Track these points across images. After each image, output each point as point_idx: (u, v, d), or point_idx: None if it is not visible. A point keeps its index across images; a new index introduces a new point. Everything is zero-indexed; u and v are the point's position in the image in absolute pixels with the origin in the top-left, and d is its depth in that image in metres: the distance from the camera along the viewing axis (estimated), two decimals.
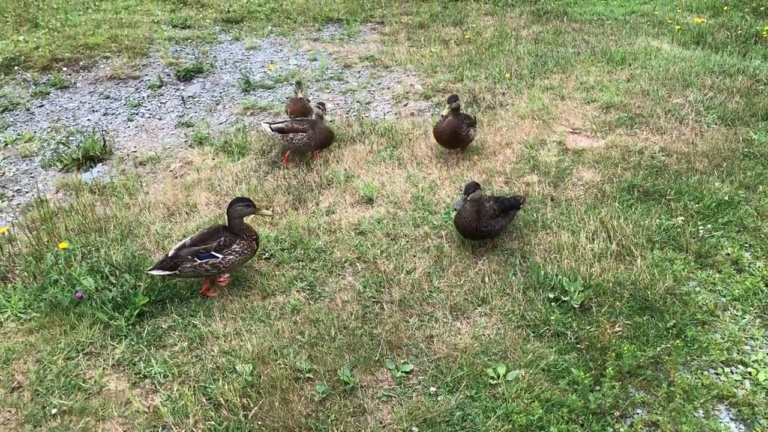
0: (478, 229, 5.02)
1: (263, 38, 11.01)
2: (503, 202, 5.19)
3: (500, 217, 5.12)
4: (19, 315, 4.59)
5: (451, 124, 6.28)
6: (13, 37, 10.67)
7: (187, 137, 7.69)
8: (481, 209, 5.03)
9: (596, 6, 13.01)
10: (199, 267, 4.56)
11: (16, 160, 7.43)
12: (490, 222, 5.04)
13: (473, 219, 5.00)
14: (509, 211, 5.25)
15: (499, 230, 5.12)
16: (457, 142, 6.42)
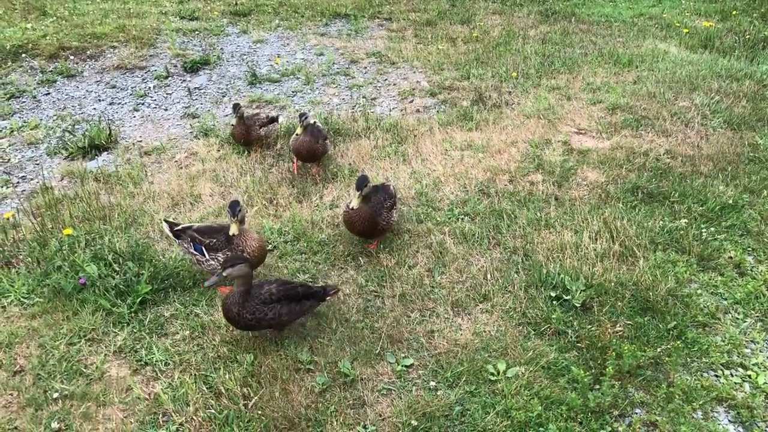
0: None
1: (270, 32, 11.02)
2: None
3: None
4: (23, 300, 4.60)
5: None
6: (21, 25, 10.68)
7: (192, 128, 7.69)
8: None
9: (604, 8, 12.99)
10: (188, 253, 4.68)
11: (21, 147, 7.44)
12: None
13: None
14: None
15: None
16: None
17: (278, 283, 4.24)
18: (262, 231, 5.45)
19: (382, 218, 4.96)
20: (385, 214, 4.98)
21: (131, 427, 3.63)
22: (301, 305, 4.24)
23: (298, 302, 4.24)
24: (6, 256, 5.06)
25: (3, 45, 9.79)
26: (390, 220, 5.05)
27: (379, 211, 4.95)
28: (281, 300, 4.15)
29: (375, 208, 4.93)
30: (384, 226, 5.00)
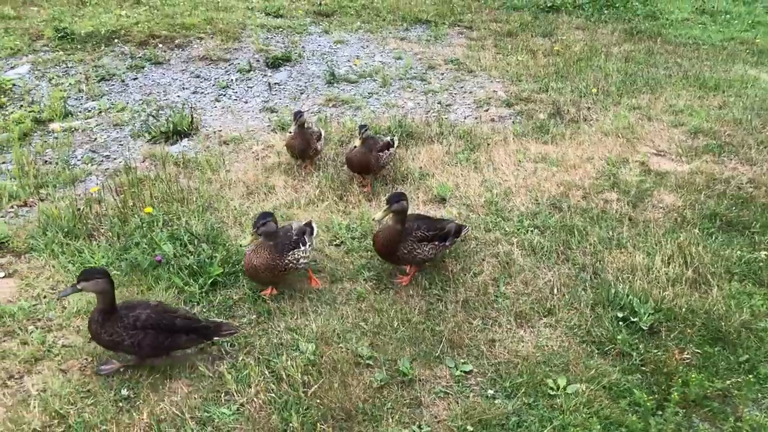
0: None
1: (351, 33, 11.18)
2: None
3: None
4: None
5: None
6: (116, 12, 11.18)
7: (270, 122, 7.88)
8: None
9: (693, 29, 12.62)
10: None
11: (107, 127, 7.78)
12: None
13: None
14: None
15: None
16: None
17: (154, 309, 3.87)
18: (330, 226, 5.54)
19: (404, 246, 4.69)
20: (409, 243, 4.70)
21: (195, 402, 3.75)
22: (173, 339, 3.86)
23: (171, 335, 3.85)
24: (89, 229, 5.31)
25: (98, 30, 10.28)
26: (414, 252, 4.72)
27: (405, 237, 4.70)
28: (148, 329, 3.78)
29: (402, 232, 4.69)
30: (403, 255, 4.72)
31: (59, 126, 7.71)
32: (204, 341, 4.07)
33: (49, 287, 4.67)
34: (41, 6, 11.51)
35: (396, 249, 4.68)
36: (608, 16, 12.90)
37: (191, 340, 3.96)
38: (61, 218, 5.31)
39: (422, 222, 4.84)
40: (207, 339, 4.04)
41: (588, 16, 12.95)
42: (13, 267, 4.89)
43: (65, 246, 5.06)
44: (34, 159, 6.80)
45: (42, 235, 5.19)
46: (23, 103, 8.22)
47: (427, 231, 4.77)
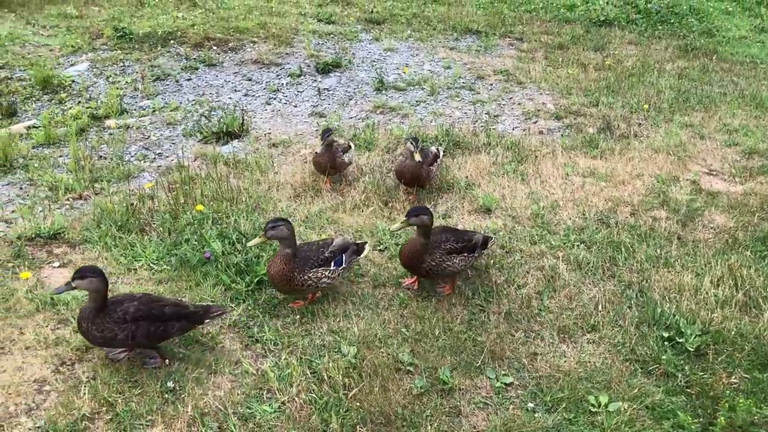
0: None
1: (401, 41, 11.24)
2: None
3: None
4: (152, 265, 4.95)
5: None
6: (173, 14, 11.47)
7: (318, 126, 7.97)
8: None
9: (751, 48, 12.34)
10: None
11: (161, 126, 7.98)
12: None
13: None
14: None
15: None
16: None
17: (141, 300, 3.90)
18: (375, 231, 5.58)
19: (432, 258, 4.62)
20: (437, 255, 4.63)
21: (237, 398, 3.82)
22: (165, 327, 3.89)
23: (162, 323, 3.88)
24: (141, 224, 5.45)
25: (155, 31, 10.56)
26: (443, 265, 4.65)
27: (433, 250, 4.64)
28: (139, 320, 3.81)
29: (429, 244, 4.63)
30: (431, 267, 4.64)
31: (115, 123, 7.94)
32: (195, 326, 4.10)
33: None
34: (102, 6, 11.89)
35: (422, 261, 4.61)
36: (662, 31, 12.70)
37: (183, 326, 3.99)
38: (115, 212, 5.46)
39: (450, 234, 4.79)
40: (198, 323, 4.09)
41: (641, 31, 12.77)
42: (68, 257, 5.06)
43: (118, 239, 5.21)
44: (90, 154, 7.01)
45: (96, 228, 5.36)
46: (81, 100, 8.49)
47: (455, 243, 4.72)
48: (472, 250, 4.81)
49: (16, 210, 5.86)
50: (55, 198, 6.14)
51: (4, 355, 4.05)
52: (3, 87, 8.43)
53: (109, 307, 3.82)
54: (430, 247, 4.63)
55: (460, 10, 13.24)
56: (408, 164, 5.93)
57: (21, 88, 8.65)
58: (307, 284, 4.45)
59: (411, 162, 5.86)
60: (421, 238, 4.60)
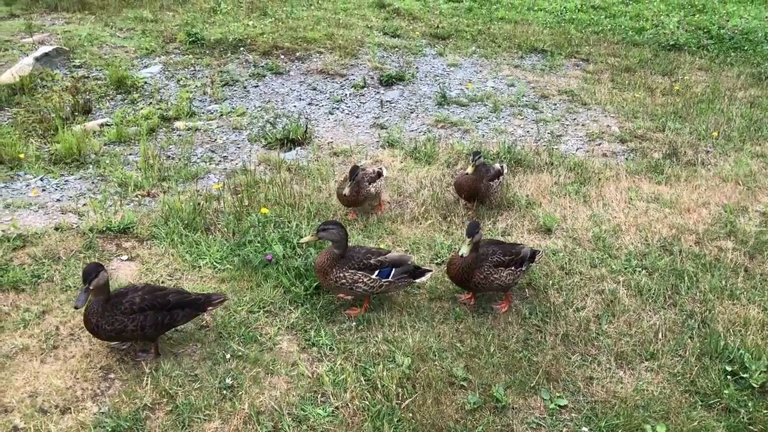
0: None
1: (465, 57, 11.27)
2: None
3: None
4: (215, 264, 5.08)
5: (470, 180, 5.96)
6: (244, 22, 11.78)
7: (379, 138, 8.06)
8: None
9: None
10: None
11: (227, 129, 8.20)
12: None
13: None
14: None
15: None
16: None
17: (145, 290, 3.99)
18: (432, 244, 5.60)
19: (481, 271, 4.58)
20: (485, 269, 4.59)
21: (292, 400, 3.88)
22: (172, 315, 3.99)
23: (168, 312, 3.98)
24: (207, 223, 5.61)
25: (226, 37, 10.85)
26: (491, 278, 4.60)
27: (481, 263, 4.59)
28: (146, 310, 3.90)
29: (477, 258, 4.59)
30: (480, 282, 4.59)
31: (183, 125, 8.20)
32: (198, 313, 4.19)
33: (167, 273, 4.97)
34: (176, 11, 12.30)
35: (471, 276, 4.58)
36: (734, 58, 12.38)
37: (187, 314, 4.09)
38: (182, 211, 5.63)
39: (497, 247, 4.76)
40: (201, 311, 4.18)
41: (712, 57, 12.47)
42: (136, 252, 5.24)
43: (184, 237, 5.37)
44: (159, 153, 7.26)
45: (164, 225, 5.53)
46: (153, 101, 8.80)
47: (503, 256, 4.67)
48: (520, 264, 4.76)
49: (87, 203, 6.10)
50: (124, 194, 6.37)
51: (74, 341, 4.21)
52: (80, 85, 8.79)
53: (114, 300, 3.88)
54: (478, 260, 4.61)
55: (526, 29, 13.20)
56: (466, 177, 5.97)
57: (97, 87, 9.02)
58: (340, 282, 4.50)
59: (471, 176, 5.91)
60: (471, 252, 4.55)
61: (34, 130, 7.77)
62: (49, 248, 5.11)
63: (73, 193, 6.41)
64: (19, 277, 4.68)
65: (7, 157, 6.93)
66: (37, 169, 6.85)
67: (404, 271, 4.68)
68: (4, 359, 4.00)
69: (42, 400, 3.76)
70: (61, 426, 3.61)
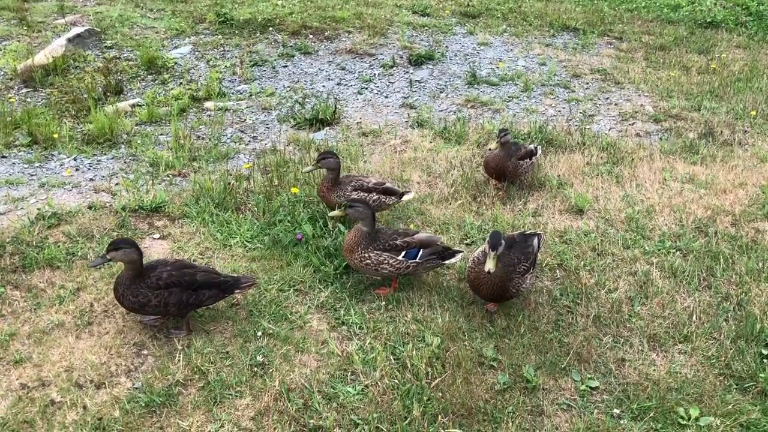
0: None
1: (496, 36, 11.11)
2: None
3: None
4: (246, 243, 5.12)
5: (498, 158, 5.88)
6: (273, 2, 11.75)
7: (408, 118, 8.00)
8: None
9: None
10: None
11: (256, 110, 8.21)
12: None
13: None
14: None
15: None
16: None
17: (174, 266, 3.98)
18: (462, 224, 5.56)
19: (513, 284, 4.32)
20: (516, 280, 4.34)
21: (322, 377, 3.90)
22: (197, 295, 3.97)
23: (194, 291, 3.95)
24: (237, 203, 5.64)
25: (255, 17, 10.84)
26: (520, 288, 4.38)
27: (510, 275, 4.32)
28: (171, 286, 3.90)
29: (506, 271, 4.29)
30: (512, 294, 4.37)
31: (213, 105, 8.23)
32: (225, 295, 4.15)
33: (198, 252, 5.02)
34: None
35: (505, 291, 4.32)
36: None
37: (213, 295, 4.06)
38: (213, 190, 5.67)
39: (519, 253, 4.45)
40: (228, 293, 4.15)
41: (751, 35, 12.12)
42: (168, 230, 5.29)
43: (215, 216, 5.41)
44: (190, 134, 7.31)
45: (195, 204, 5.58)
46: (183, 81, 8.85)
47: (526, 262, 4.44)
48: (534, 263, 4.60)
49: (120, 183, 6.17)
50: (155, 174, 6.43)
51: (108, 318, 4.29)
52: (112, 66, 8.87)
53: (145, 272, 3.93)
54: (507, 272, 4.32)
55: (558, 7, 12.96)
56: (493, 155, 5.92)
57: (128, 67, 9.08)
58: (365, 262, 4.48)
59: (498, 153, 5.86)
60: (496, 267, 4.18)
61: (68, 110, 7.87)
62: (83, 226, 5.19)
63: (105, 172, 6.49)
64: (54, 255, 4.77)
65: (41, 137, 7.03)
66: (70, 149, 6.94)
67: (433, 252, 4.65)
68: (41, 335, 4.09)
69: (78, 375, 3.84)
70: (96, 400, 3.68)
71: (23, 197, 5.86)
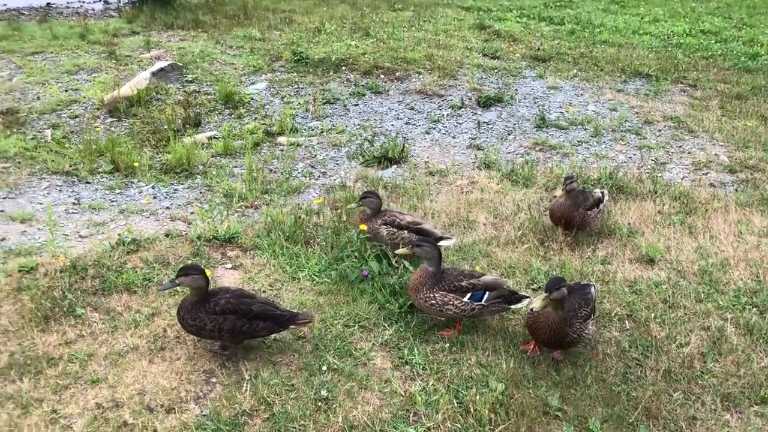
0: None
1: (566, 80, 11.09)
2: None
3: None
4: (314, 277, 5.22)
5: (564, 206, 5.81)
6: (346, 42, 12.09)
7: (476, 159, 8.04)
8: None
9: None
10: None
11: (327, 146, 8.41)
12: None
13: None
14: None
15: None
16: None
17: (234, 294, 4.12)
18: (529, 269, 5.52)
19: (573, 330, 4.25)
20: (577, 325, 4.27)
21: (385, 416, 3.91)
22: (251, 325, 4.06)
23: (249, 321, 4.05)
24: (307, 236, 5.77)
25: (329, 57, 11.17)
26: (582, 333, 4.29)
27: (571, 320, 4.26)
28: (226, 313, 4.01)
29: (566, 316, 4.23)
30: (573, 339, 4.28)
31: (286, 140, 8.48)
32: (280, 329, 4.21)
33: (267, 284, 5.14)
34: (283, 31, 12.77)
35: (564, 336, 4.24)
36: None
37: (267, 327, 4.14)
38: (284, 223, 5.82)
39: (579, 297, 4.41)
40: (283, 327, 4.21)
41: None
42: (240, 261, 5.45)
43: (285, 249, 5.54)
44: (262, 167, 7.54)
45: (266, 236, 5.73)
46: (258, 116, 9.16)
47: (587, 307, 4.38)
48: (594, 310, 4.51)
49: (195, 212, 6.40)
50: (228, 204, 6.65)
51: (180, 344, 4.42)
52: (192, 99, 9.27)
53: (209, 297, 4.10)
54: (567, 318, 4.26)
55: (630, 53, 12.85)
56: (559, 203, 5.86)
57: (206, 101, 9.47)
58: (430, 302, 4.50)
59: (564, 201, 5.80)
60: (558, 311, 4.21)
61: (148, 140, 8.25)
62: (159, 253, 5.40)
63: (181, 201, 6.75)
64: (131, 280, 4.98)
65: (123, 165, 7.38)
66: (149, 178, 7.26)
67: (499, 295, 4.62)
68: (116, 357, 4.26)
69: (149, 398, 3.96)
70: (165, 425, 3.79)
71: (104, 222, 6.15)
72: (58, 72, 10.09)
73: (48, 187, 6.86)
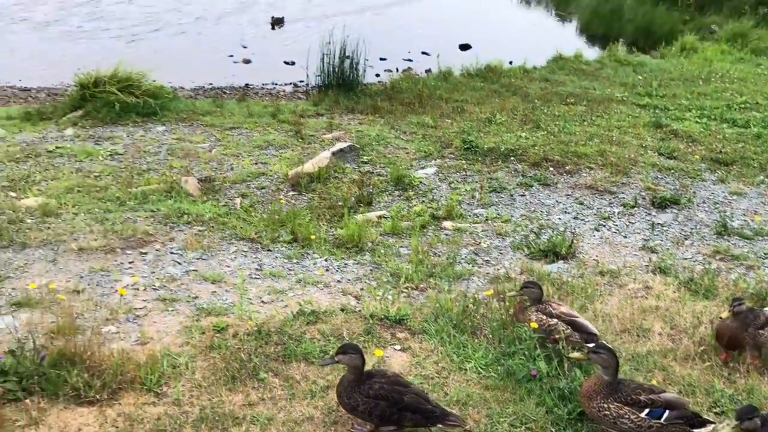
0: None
1: (751, 186, 10.43)
2: None
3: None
4: (480, 369, 5.19)
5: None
6: (517, 133, 12.25)
7: (649, 262, 7.72)
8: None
9: None
10: None
11: (491, 234, 8.46)
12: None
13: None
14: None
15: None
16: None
17: (388, 381, 4.20)
18: (711, 390, 5.13)
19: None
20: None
21: None
22: (399, 415, 4.11)
23: (398, 410, 4.09)
24: (474, 326, 5.78)
25: (498, 146, 11.36)
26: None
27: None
28: (378, 399, 4.09)
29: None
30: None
31: (452, 225, 8.65)
32: (428, 424, 4.21)
33: (435, 371, 5.18)
34: (455, 120, 13.19)
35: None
36: None
37: (415, 420, 4.17)
38: (451, 311, 5.88)
39: None
40: (430, 423, 4.20)
41: None
42: (408, 343, 5.55)
43: (452, 337, 5.58)
44: (428, 250, 7.71)
45: (434, 322, 5.82)
46: (425, 200, 9.45)
47: None
48: None
49: (364, 288, 6.65)
50: (395, 284, 6.84)
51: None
52: (366, 179, 9.77)
53: (365, 377, 4.24)
54: None
55: None
56: (725, 324, 5.46)
57: (379, 182, 9.93)
58: (603, 413, 4.32)
59: (731, 323, 5.40)
60: None
61: (324, 215, 8.76)
62: (335, 327, 5.65)
63: (351, 276, 7.05)
64: (309, 350, 5.23)
65: (300, 236, 7.87)
66: (323, 250, 7.67)
67: (680, 416, 4.33)
68: (293, 424, 4.45)
69: None
70: None
71: (283, 290, 6.55)
72: (251, 146, 11.09)
73: (235, 252, 7.46)
